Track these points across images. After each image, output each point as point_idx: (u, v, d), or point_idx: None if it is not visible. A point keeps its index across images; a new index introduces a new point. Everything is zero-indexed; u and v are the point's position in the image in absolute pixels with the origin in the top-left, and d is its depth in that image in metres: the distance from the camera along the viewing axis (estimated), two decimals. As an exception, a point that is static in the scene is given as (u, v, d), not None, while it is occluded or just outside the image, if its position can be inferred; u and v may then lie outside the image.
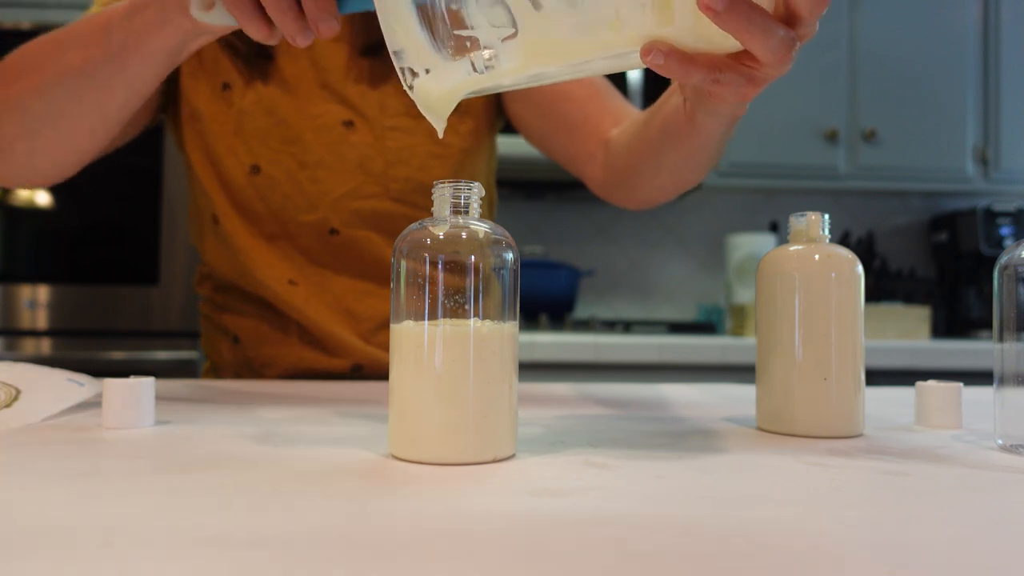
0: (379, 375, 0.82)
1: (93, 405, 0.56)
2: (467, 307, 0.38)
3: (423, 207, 0.81)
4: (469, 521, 0.29)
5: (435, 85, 0.43)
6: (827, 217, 0.51)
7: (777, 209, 2.37)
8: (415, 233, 0.40)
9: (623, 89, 1.99)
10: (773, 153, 2.07)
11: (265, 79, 0.79)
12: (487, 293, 0.39)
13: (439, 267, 0.38)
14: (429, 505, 0.31)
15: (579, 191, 2.11)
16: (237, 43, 0.78)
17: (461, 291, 0.38)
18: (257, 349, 0.83)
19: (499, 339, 0.39)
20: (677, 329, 2.08)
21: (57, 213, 1.86)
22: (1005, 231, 2.11)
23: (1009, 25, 2.11)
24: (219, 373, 0.87)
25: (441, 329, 0.38)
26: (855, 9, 2.09)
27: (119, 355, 1.75)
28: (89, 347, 1.78)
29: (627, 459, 0.41)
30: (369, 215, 0.80)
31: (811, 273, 0.49)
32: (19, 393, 0.51)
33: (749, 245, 2.00)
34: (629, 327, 2.08)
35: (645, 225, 2.37)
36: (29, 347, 1.79)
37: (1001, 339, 0.45)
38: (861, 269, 0.50)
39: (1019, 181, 2.12)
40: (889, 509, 0.32)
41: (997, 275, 0.45)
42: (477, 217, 0.41)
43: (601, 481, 0.36)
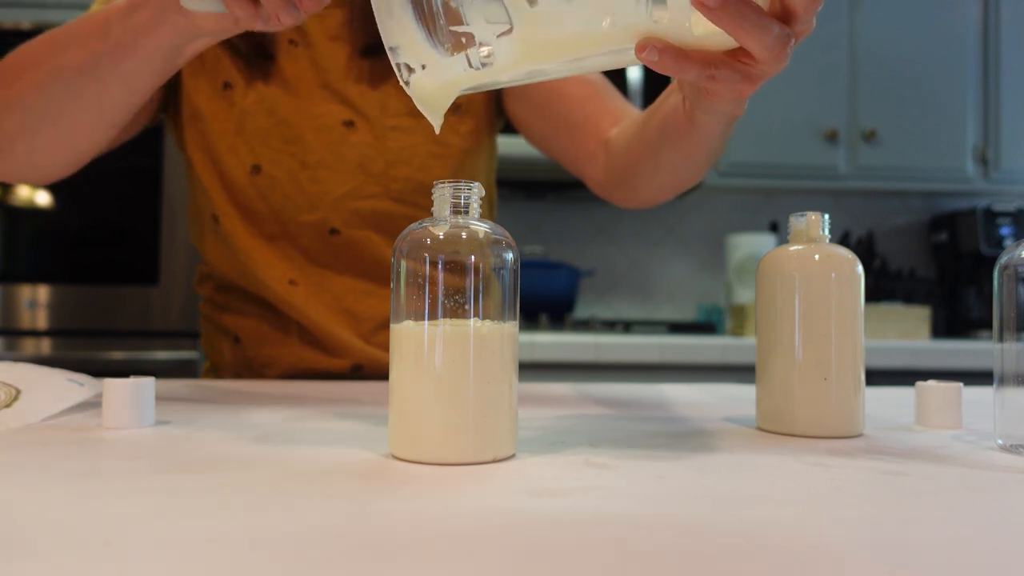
0: (379, 375, 0.81)
1: (93, 405, 0.56)
2: (467, 307, 0.38)
3: (423, 207, 0.81)
4: (469, 521, 0.29)
5: (431, 81, 0.43)
6: (827, 217, 0.51)
7: (777, 209, 2.37)
8: (415, 233, 0.40)
9: (623, 88, 1.99)
10: (773, 153, 2.07)
11: (266, 79, 0.79)
12: (487, 293, 0.39)
13: (439, 267, 0.38)
14: (429, 505, 0.31)
15: (579, 191, 2.11)
16: (238, 43, 0.78)
17: (461, 291, 0.38)
18: (257, 349, 0.83)
19: (499, 339, 0.39)
20: (677, 329, 2.08)
21: (57, 213, 1.86)
22: (1005, 231, 2.11)
23: (1009, 25, 2.11)
24: (219, 373, 0.87)
25: (441, 329, 0.38)
26: (855, 9, 2.09)
27: (119, 355, 1.75)
28: (89, 347, 1.78)
29: (627, 459, 0.41)
30: (369, 215, 0.80)
31: (811, 273, 0.49)
32: (19, 393, 0.51)
33: (749, 245, 2.00)
34: (629, 327, 2.08)
35: (645, 225, 2.37)
36: (29, 347, 1.79)
37: (1001, 339, 0.45)
38: (861, 269, 0.50)
39: (1019, 181, 2.12)
40: (889, 509, 0.32)
41: (997, 275, 0.45)
42: (477, 217, 0.41)
43: (601, 481, 0.36)
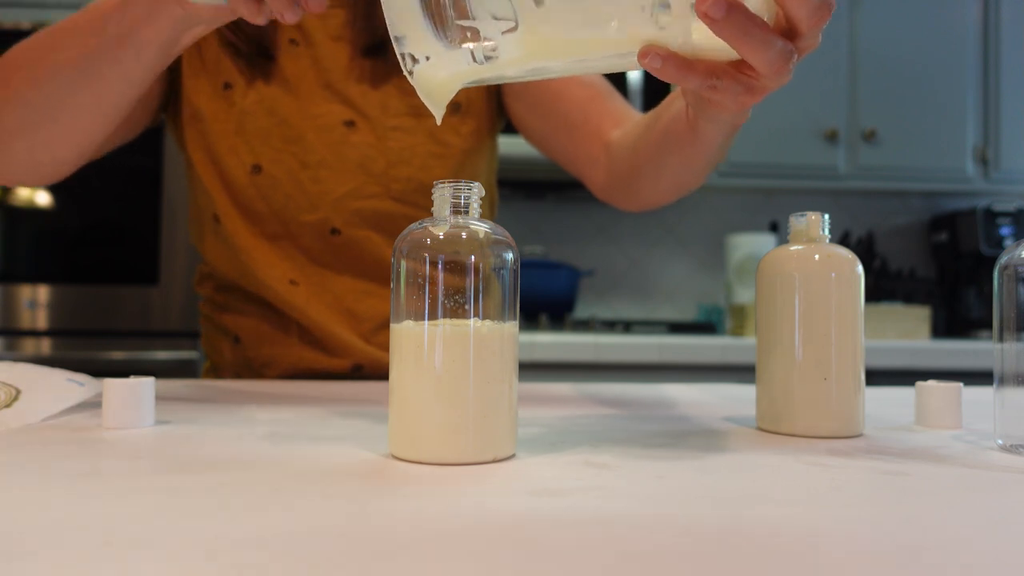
0: (379, 375, 0.81)
1: (93, 405, 0.56)
2: (467, 307, 0.38)
3: (424, 207, 0.81)
4: (469, 521, 0.29)
5: (435, 73, 0.43)
6: (827, 217, 0.51)
7: (777, 209, 2.37)
8: (415, 233, 0.40)
9: (623, 90, 1.99)
10: (773, 153, 2.07)
11: (267, 79, 0.79)
12: (487, 293, 0.39)
13: (439, 267, 0.38)
14: (429, 505, 0.31)
15: (579, 191, 2.11)
16: (238, 43, 0.78)
17: (461, 291, 0.38)
18: (257, 349, 0.83)
19: (499, 339, 0.39)
20: (677, 329, 2.08)
21: (57, 213, 1.86)
22: (1005, 231, 2.11)
23: (1009, 25, 2.11)
24: (219, 373, 0.87)
25: (441, 329, 0.38)
26: (855, 9, 2.09)
27: (119, 355, 1.75)
28: (89, 347, 1.78)
29: (627, 459, 0.41)
30: (370, 215, 0.80)
31: (811, 273, 0.49)
32: (19, 393, 0.51)
33: (749, 245, 2.00)
34: (629, 327, 2.08)
35: (645, 225, 2.37)
36: (29, 347, 1.79)
37: (1001, 339, 0.45)
38: (861, 269, 0.50)
39: (1019, 181, 2.12)
40: (889, 509, 0.32)
41: (997, 275, 0.45)
42: (477, 217, 0.41)
43: (601, 481, 0.35)
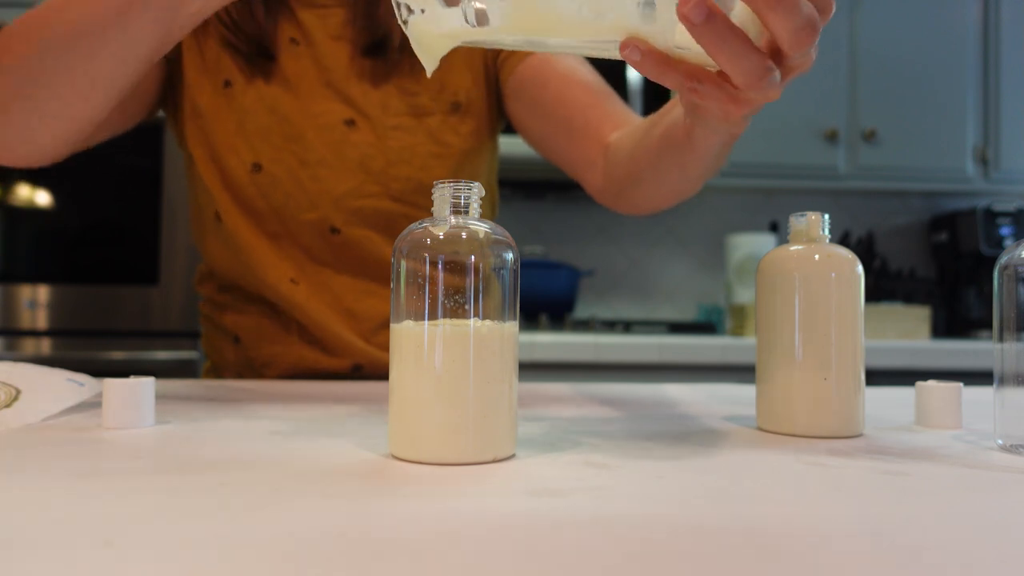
0: (379, 375, 0.81)
1: (93, 405, 0.56)
2: (467, 307, 0.38)
3: (423, 207, 0.81)
4: (469, 521, 0.29)
5: (428, 27, 0.43)
6: (827, 217, 0.51)
7: (777, 209, 2.37)
8: (415, 233, 0.40)
9: (623, 90, 1.99)
10: (773, 153, 2.07)
11: (267, 78, 0.79)
12: (487, 293, 0.39)
13: (439, 267, 0.38)
14: (429, 505, 0.31)
15: (579, 191, 2.09)
16: (238, 43, 0.79)
17: (461, 291, 0.38)
18: (257, 349, 0.83)
19: (499, 339, 0.39)
20: (677, 329, 2.08)
21: (57, 213, 1.86)
22: (1005, 231, 2.11)
23: (1009, 25, 2.11)
24: (219, 373, 0.87)
25: (441, 329, 0.38)
26: (855, 9, 2.09)
27: (119, 355, 1.75)
28: (89, 347, 1.78)
29: (627, 459, 0.41)
30: (370, 214, 0.80)
31: (811, 273, 0.49)
32: (19, 393, 0.51)
33: (749, 245, 2.00)
34: (629, 327, 2.08)
35: (645, 225, 2.37)
36: (29, 347, 1.79)
37: (1001, 339, 0.45)
38: (861, 269, 0.50)
39: (1019, 181, 2.12)
40: (889, 509, 0.32)
41: (997, 275, 0.45)
42: (477, 217, 0.41)
43: (601, 481, 0.35)
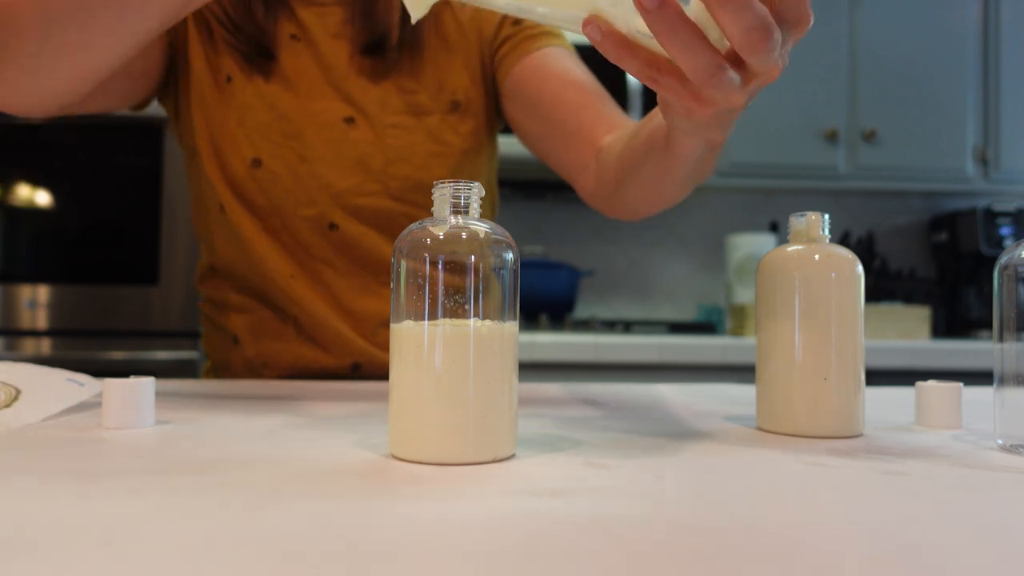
0: (379, 374, 0.82)
1: (93, 405, 0.56)
2: (467, 307, 0.38)
3: (422, 206, 0.81)
4: (469, 521, 0.29)
5: None
6: (827, 217, 0.51)
7: (777, 209, 2.37)
8: (415, 233, 0.40)
9: (623, 89, 1.99)
10: (773, 153, 2.07)
11: (266, 75, 0.80)
12: (487, 293, 0.39)
13: (439, 267, 0.38)
14: (429, 505, 0.31)
15: (579, 191, 2.11)
16: (238, 44, 0.79)
17: (461, 291, 0.38)
18: (257, 348, 0.83)
19: (499, 339, 0.39)
20: (677, 329, 2.08)
21: (57, 213, 1.86)
22: (1005, 231, 2.11)
23: (1009, 25, 2.11)
24: (219, 373, 0.87)
25: (441, 329, 0.38)
26: (855, 9, 2.09)
27: (119, 355, 1.75)
28: (89, 347, 1.78)
29: (627, 459, 0.41)
30: (369, 213, 0.81)
31: (811, 273, 0.49)
32: (19, 393, 0.51)
33: (749, 245, 2.00)
34: (629, 327, 2.08)
35: (645, 225, 2.37)
36: (29, 347, 1.79)
37: (1001, 339, 0.45)
38: (861, 269, 0.50)
39: (1019, 181, 2.12)
40: (889, 509, 0.32)
41: (997, 275, 0.45)
42: (477, 217, 0.40)
43: (601, 481, 0.35)
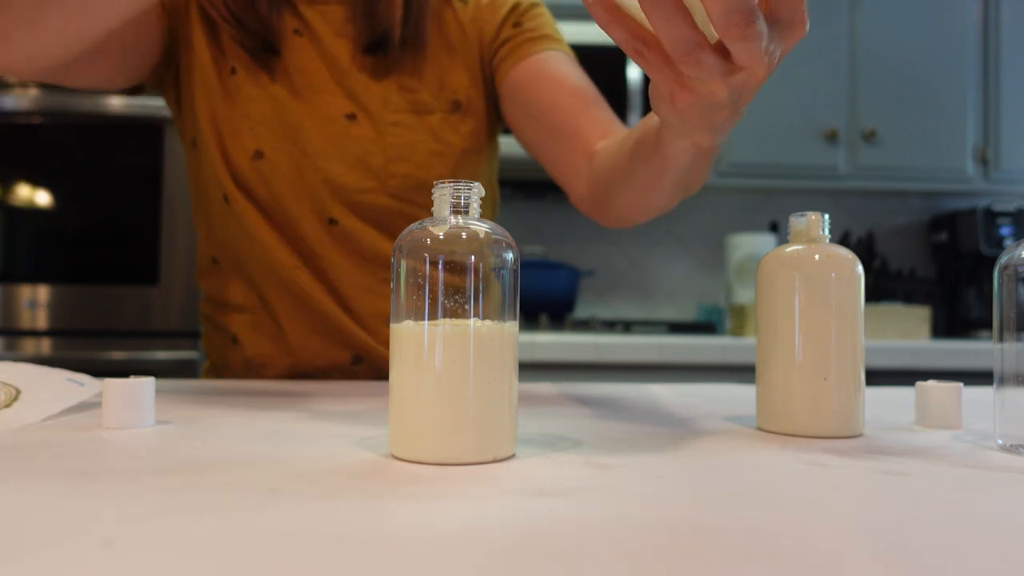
0: (379, 368, 0.82)
1: (93, 405, 0.56)
2: (467, 307, 0.38)
3: (422, 205, 0.81)
4: (469, 521, 0.29)
5: None
6: (827, 217, 0.51)
7: (777, 209, 2.37)
8: (415, 233, 0.40)
9: (623, 89, 1.99)
10: (773, 153, 2.07)
11: (270, 69, 0.80)
12: (487, 293, 0.39)
13: (439, 267, 0.38)
14: (429, 505, 0.31)
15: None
16: (244, 40, 0.80)
17: (461, 291, 0.38)
18: (256, 346, 0.83)
19: (499, 339, 0.39)
20: (677, 329, 2.08)
21: (57, 213, 1.86)
22: (1005, 231, 2.11)
23: (1009, 25, 2.11)
24: (219, 373, 0.87)
25: (441, 329, 0.38)
26: (855, 9, 2.09)
27: (119, 355, 1.75)
28: (89, 347, 1.78)
29: (627, 459, 0.41)
30: (368, 210, 0.81)
31: (811, 273, 0.49)
32: (19, 393, 0.51)
33: (749, 245, 2.00)
34: (629, 327, 2.08)
35: (645, 225, 2.37)
36: (29, 347, 1.79)
37: (1001, 339, 0.45)
38: (861, 269, 0.50)
39: (1019, 181, 2.12)
40: (889, 509, 0.32)
41: (997, 275, 0.45)
42: (477, 217, 0.41)
43: (601, 481, 0.35)
